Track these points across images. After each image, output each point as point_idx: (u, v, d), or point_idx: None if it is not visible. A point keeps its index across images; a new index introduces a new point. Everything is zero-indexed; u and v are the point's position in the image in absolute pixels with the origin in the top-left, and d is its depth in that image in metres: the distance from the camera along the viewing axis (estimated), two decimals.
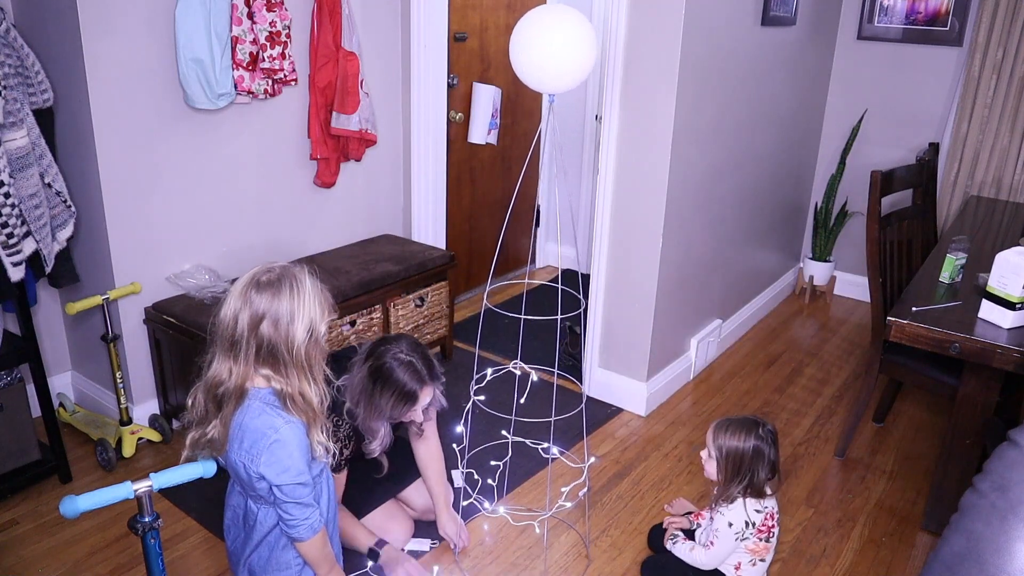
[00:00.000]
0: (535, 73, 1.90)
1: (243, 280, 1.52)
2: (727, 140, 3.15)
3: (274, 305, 1.49)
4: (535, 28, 1.87)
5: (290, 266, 1.55)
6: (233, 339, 1.50)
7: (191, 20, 2.45)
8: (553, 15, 1.88)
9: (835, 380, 3.37)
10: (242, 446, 1.52)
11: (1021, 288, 2.04)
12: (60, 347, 2.87)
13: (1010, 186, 3.63)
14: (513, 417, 2.21)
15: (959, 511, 1.00)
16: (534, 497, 2.49)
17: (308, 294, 1.52)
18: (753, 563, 2.02)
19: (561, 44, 1.84)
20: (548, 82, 1.91)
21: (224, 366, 1.52)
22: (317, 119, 2.96)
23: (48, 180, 2.35)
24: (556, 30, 1.85)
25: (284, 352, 1.51)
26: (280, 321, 1.49)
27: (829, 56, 4.05)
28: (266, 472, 1.51)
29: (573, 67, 1.87)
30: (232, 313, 1.50)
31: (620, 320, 3.00)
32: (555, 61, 1.86)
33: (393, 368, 1.94)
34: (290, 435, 1.52)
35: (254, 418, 1.52)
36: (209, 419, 1.56)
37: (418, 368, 1.96)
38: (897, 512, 2.51)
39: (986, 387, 2.21)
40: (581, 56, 1.87)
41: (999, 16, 3.46)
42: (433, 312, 3.21)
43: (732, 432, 1.97)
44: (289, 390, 1.52)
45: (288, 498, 1.53)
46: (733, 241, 3.47)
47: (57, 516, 2.31)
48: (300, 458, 1.53)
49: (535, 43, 1.86)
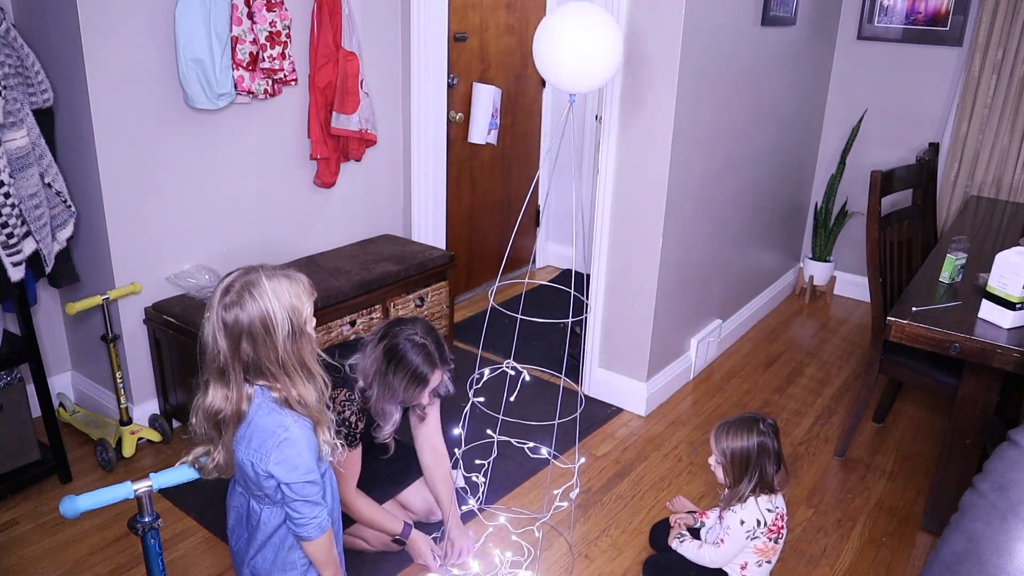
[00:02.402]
0: (561, 72, 1.88)
1: (212, 304, 1.49)
2: (727, 140, 3.15)
3: (244, 320, 1.46)
4: (566, 26, 1.85)
5: (245, 273, 1.51)
6: (220, 367, 1.49)
7: (191, 20, 2.45)
8: (583, 13, 1.86)
9: (835, 380, 3.37)
10: (250, 445, 1.51)
11: (1021, 288, 2.04)
12: (60, 347, 2.87)
13: (1010, 186, 3.63)
14: (501, 416, 2.20)
15: (959, 511, 1.00)
16: (529, 500, 2.49)
17: (271, 293, 1.47)
18: (759, 564, 2.02)
19: (592, 44, 1.83)
20: (571, 82, 1.90)
21: (219, 393, 1.50)
22: (317, 119, 2.96)
23: (48, 180, 2.35)
24: (587, 29, 1.83)
25: (270, 365, 1.49)
26: (256, 335, 1.47)
27: (829, 56, 4.05)
28: (275, 471, 1.50)
29: (600, 68, 1.86)
30: (211, 341, 1.48)
31: (620, 320, 3.00)
32: (584, 61, 1.84)
33: (407, 350, 1.94)
34: (299, 433, 1.51)
35: (263, 416, 1.51)
36: (214, 442, 1.54)
37: (431, 351, 1.97)
38: (897, 512, 2.51)
39: (986, 387, 2.21)
40: (609, 57, 1.86)
41: (999, 16, 3.46)
42: (433, 312, 3.21)
43: (733, 433, 1.98)
44: (287, 395, 1.52)
45: (298, 496, 1.52)
46: (733, 241, 3.47)
47: (57, 516, 2.31)
48: (309, 456, 1.53)
49: (564, 42, 1.84)
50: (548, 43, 1.87)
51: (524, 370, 2.33)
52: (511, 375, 2.30)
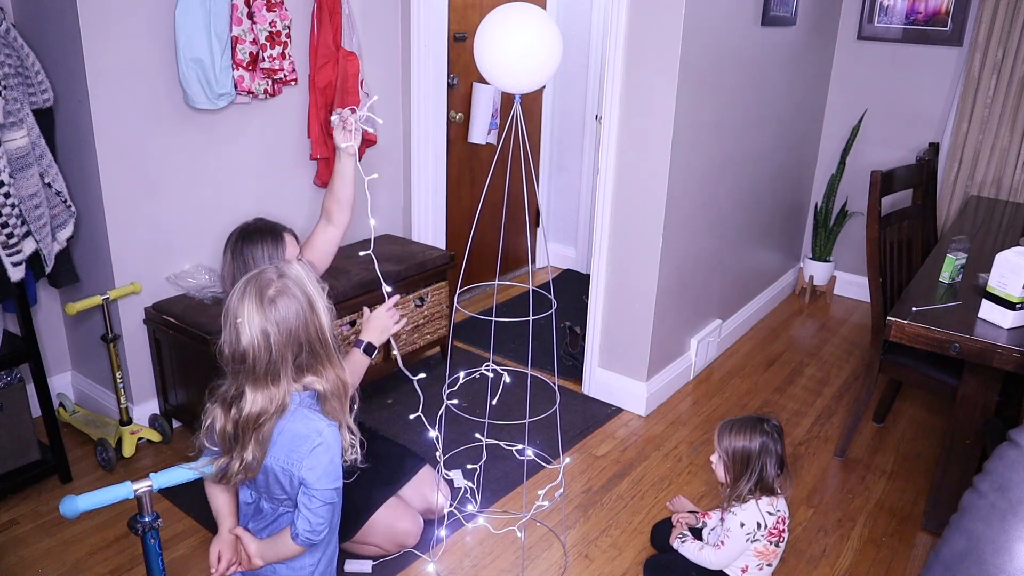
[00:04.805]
0: (498, 73, 1.86)
1: (248, 305, 1.44)
2: (727, 140, 3.15)
3: (294, 307, 1.46)
4: (497, 29, 1.81)
5: (276, 267, 1.52)
6: (270, 361, 1.45)
7: (191, 20, 2.45)
8: (516, 14, 1.81)
9: (835, 380, 3.37)
10: (282, 450, 1.50)
11: (1021, 288, 2.03)
12: (60, 347, 2.87)
13: (1010, 186, 3.63)
14: (487, 420, 2.20)
15: (959, 511, 1.00)
16: (529, 501, 2.49)
17: (305, 277, 1.51)
18: (760, 567, 2.01)
19: (522, 46, 1.78)
20: (510, 82, 1.89)
21: (263, 396, 1.46)
22: (317, 119, 2.96)
23: (48, 180, 2.35)
24: (517, 31, 1.79)
25: (319, 347, 1.50)
26: (308, 318, 1.48)
27: (829, 56, 4.05)
28: (307, 476, 1.48)
29: (535, 68, 1.83)
30: (260, 337, 1.43)
31: (620, 320, 3.00)
32: (515, 62, 1.80)
33: (243, 228, 1.98)
34: (332, 439, 1.51)
35: (295, 422, 1.50)
36: (244, 445, 1.49)
37: (267, 220, 2.02)
38: (897, 512, 2.51)
39: (986, 387, 2.22)
40: (543, 58, 1.82)
41: (999, 16, 3.46)
42: (433, 312, 3.21)
43: (736, 432, 1.97)
44: (329, 386, 1.52)
45: (325, 501, 1.51)
46: (733, 241, 3.47)
47: (57, 516, 2.31)
48: (339, 462, 1.53)
49: (497, 44, 1.81)
50: (483, 44, 1.83)
51: (504, 372, 2.32)
52: (490, 377, 2.28)
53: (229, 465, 1.51)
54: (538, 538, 2.32)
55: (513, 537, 2.29)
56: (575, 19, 4.09)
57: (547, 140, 4.38)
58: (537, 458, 2.32)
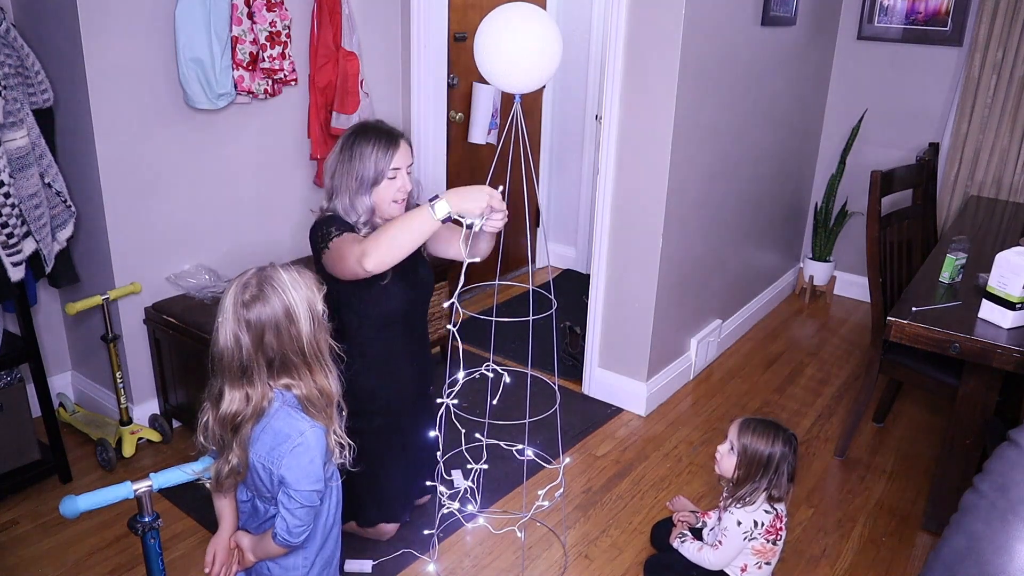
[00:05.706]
0: (498, 73, 1.86)
1: (228, 303, 1.48)
2: (727, 140, 3.15)
3: (267, 313, 1.46)
4: (497, 29, 1.80)
5: (261, 270, 1.52)
6: (242, 365, 1.47)
7: (191, 20, 2.45)
8: (516, 14, 1.81)
9: (835, 380, 3.37)
10: (264, 447, 1.51)
11: (1021, 288, 2.04)
12: (60, 347, 2.87)
13: (1010, 186, 3.63)
14: (487, 420, 2.19)
15: (959, 511, 0.99)
16: (529, 501, 2.49)
17: (290, 285, 1.50)
18: (759, 566, 2.01)
19: (523, 46, 1.79)
20: (510, 82, 1.88)
21: (238, 395, 1.49)
22: (317, 119, 2.96)
23: (48, 180, 2.35)
24: (517, 31, 1.79)
25: (294, 356, 1.50)
26: (281, 326, 1.47)
27: (829, 56, 4.05)
28: (286, 475, 1.49)
29: (535, 68, 1.83)
30: (232, 339, 1.47)
31: (620, 320, 3.00)
32: (515, 62, 1.81)
33: (362, 125, 2.05)
34: (314, 440, 1.51)
35: (280, 420, 1.51)
36: (228, 447, 1.52)
37: (387, 124, 2.08)
38: (897, 512, 2.51)
39: (986, 387, 2.22)
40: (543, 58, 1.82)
41: (999, 16, 3.46)
42: (433, 312, 3.21)
43: (759, 433, 1.96)
44: (307, 392, 1.52)
45: (304, 503, 1.52)
46: (733, 241, 3.47)
47: (57, 516, 2.31)
48: (320, 464, 1.52)
49: (497, 44, 1.80)
50: (483, 44, 1.83)
51: (504, 372, 2.32)
52: (491, 377, 2.28)
53: (219, 471, 1.53)
54: (538, 538, 2.32)
55: (513, 537, 2.29)
56: (575, 19, 4.09)
57: (547, 140, 4.38)
58: (537, 458, 2.32)
